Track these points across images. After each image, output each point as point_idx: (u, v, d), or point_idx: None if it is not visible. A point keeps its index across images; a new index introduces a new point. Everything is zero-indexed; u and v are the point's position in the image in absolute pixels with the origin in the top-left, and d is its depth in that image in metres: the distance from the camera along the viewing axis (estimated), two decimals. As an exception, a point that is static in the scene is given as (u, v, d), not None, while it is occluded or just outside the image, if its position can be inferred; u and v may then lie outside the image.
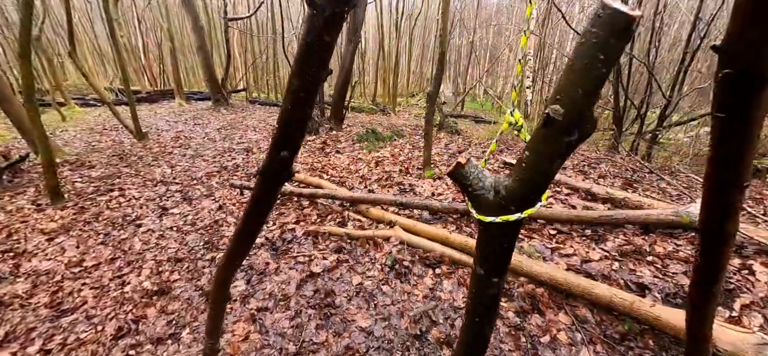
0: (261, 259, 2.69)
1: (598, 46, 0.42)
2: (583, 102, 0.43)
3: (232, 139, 7.09)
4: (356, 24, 7.33)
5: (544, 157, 0.47)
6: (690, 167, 5.81)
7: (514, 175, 0.53)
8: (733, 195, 0.55)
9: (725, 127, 0.49)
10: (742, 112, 0.47)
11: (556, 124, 0.44)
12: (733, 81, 0.45)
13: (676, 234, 2.79)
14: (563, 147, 0.45)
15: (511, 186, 0.53)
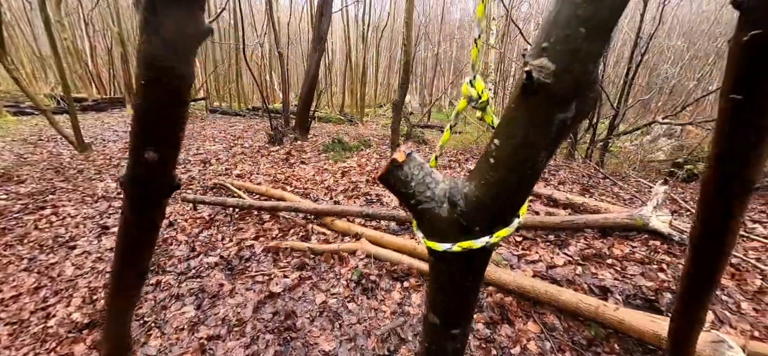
0: (214, 281, 2.45)
1: None
2: (588, 50, 0.26)
3: (188, 150, 6.63)
4: (321, 33, 7.22)
5: (525, 145, 0.29)
6: (638, 172, 6.25)
7: (479, 177, 0.33)
8: (739, 198, 0.44)
9: (740, 110, 0.38)
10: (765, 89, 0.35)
11: (544, 91, 0.27)
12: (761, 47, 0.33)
13: (631, 236, 2.92)
14: (555, 128, 0.28)
15: (475, 195, 0.33)
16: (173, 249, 2.95)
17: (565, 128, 0.28)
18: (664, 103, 11.91)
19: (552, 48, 0.26)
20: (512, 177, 0.31)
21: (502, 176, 0.31)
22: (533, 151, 0.29)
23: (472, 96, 0.40)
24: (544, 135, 0.28)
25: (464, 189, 0.35)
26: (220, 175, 5.02)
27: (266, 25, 13.48)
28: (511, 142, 0.30)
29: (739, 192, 0.43)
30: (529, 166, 0.30)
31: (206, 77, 15.80)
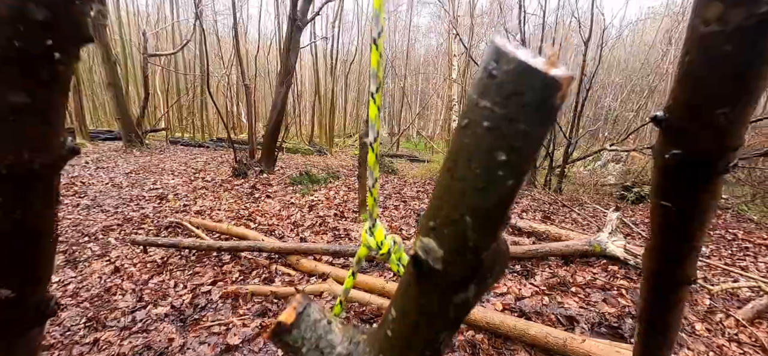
0: (163, 335, 2.20)
1: (496, 136, 0.21)
2: (477, 241, 0.22)
3: (143, 185, 6.19)
4: (288, 67, 7.25)
5: (421, 326, 0.25)
6: (592, 197, 6.66)
7: (377, 348, 0.29)
8: (679, 293, 0.45)
9: (672, 217, 0.38)
10: (695, 200, 0.36)
11: (435, 276, 0.23)
12: (684, 164, 0.34)
13: (591, 262, 3.04)
14: (453, 310, 0.24)
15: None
16: (117, 299, 2.65)
17: (467, 307, 0.24)
18: (610, 132, 13.02)
19: (439, 230, 0.22)
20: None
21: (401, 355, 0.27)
22: (431, 333, 0.25)
23: (371, 246, 0.36)
24: (442, 317, 0.24)
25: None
26: (178, 212, 4.69)
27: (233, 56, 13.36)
28: (407, 321, 0.26)
29: (678, 286, 0.43)
30: (429, 350, 0.26)
31: (168, 108, 15.17)
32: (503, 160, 0.21)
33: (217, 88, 16.08)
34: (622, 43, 16.05)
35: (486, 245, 0.22)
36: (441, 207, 0.22)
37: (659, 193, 0.38)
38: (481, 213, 0.22)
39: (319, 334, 0.30)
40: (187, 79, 16.18)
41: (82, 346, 2.15)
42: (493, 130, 0.21)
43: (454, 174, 0.22)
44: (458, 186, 0.22)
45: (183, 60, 16.10)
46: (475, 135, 0.21)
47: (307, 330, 0.30)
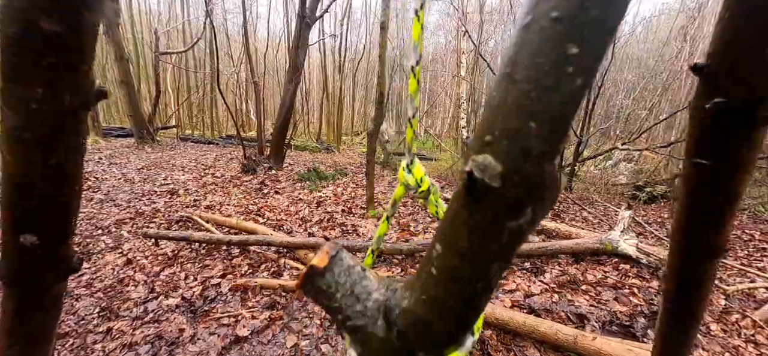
0: (174, 325, 2.23)
1: (566, 25, 0.19)
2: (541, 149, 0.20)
3: (154, 180, 6.29)
4: (297, 64, 7.28)
5: (472, 257, 0.23)
6: (603, 196, 6.55)
7: (420, 289, 0.26)
8: (709, 264, 0.42)
9: (707, 175, 0.36)
10: (734, 154, 0.34)
11: (491, 195, 0.20)
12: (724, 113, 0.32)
13: (602, 260, 2.99)
14: (507, 237, 0.21)
15: (416, 312, 0.26)
16: (129, 290, 2.70)
17: (521, 235, 0.22)
18: (622, 131, 12.79)
19: (497, 143, 0.20)
20: (460, 293, 0.24)
21: (448, 292, 0.24)
22: (483, 263, 0.22)
23: (409, 183, 0.34)
24: (494, 246, 0.22)
25: (403, 303, 0.26)
26: (188, 207, 4.76)
27: (243, 54, 13.49)
28: (455, 252, 0.23)
29: (709, 256, 0.41)
30: (480, 282, 0.23)
31: (179, 105, 15.39)
32: (574, 53, 0.19)
33: (227, 86, 16.27)
34: (635, 39, 15.73)
35: (550, 156, 0.20)
36: (497, 119, 0.20)
37: (694, 151, 0.36)
38: (546, 117, 0.19)
39: (353, 279, 0.28)
40: (198, 77, 16.39)
41: (96, 335, 2.20)
42: (562, 20, 0.19)
43: (514, 75, 0.20)
44: (520, 89, 0.20)
45: (193, 58, 16.31)
46: (540, 29, 0.19)
47: (341, 275, 0.28)
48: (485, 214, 0.22)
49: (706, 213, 0.39)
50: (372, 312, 0.28)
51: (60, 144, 0.38)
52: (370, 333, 0.28)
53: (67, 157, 0.40)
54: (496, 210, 0.21)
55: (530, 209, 0.21)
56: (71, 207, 0.45)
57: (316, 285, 0.29)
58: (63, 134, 0.38)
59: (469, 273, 0.23)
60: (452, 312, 0.25)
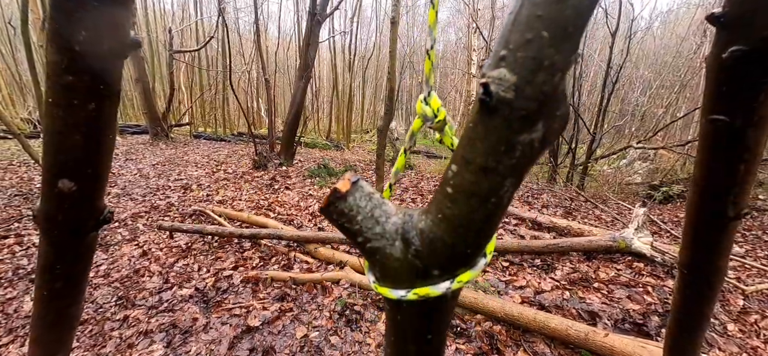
0: (188, 315, 2.29)
1: None
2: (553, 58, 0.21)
3: (168, 175, 6.44)
4: (307, 61, 7.32)
5: (486, 172, 0.24)
6: (617, 195, 6.42)
7: (436, 209, 0.27)
8: (727, 226, 0.41)
9: (724, 133, 0.35)
10: (753, 106, 0.33)
11: (504, 107, 0.21)
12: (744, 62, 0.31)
13: (615, 258, 2.93)
14: (519, 151, 0.22)
15: (432, 232, 0.27)
16: (145, 280, 2.77)
17: (533, 151, 0.22)
18: (637, 129, 12.50)
19: (512, 56, 0.21)
20: (474, 210, 0.25)
21: (463, 209, 0.25)
22: (496, 179, 0.23)
23: (426, 114, 0.34)
24: (507, 160, 0.23)
25: (420, 225, 0.28)
26: (201, 201, 4.86)
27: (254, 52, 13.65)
28: (470, 169, 0.24)
29: (726, 220, 0.40)
30: (493, 197, 0.24)
31: (192, 102, 15.66)
32: None
33: (239, 84, 16.47)
34: (651, 35, 15.32)
35: (561, 68, 0.21)
36: (512, 34, 0.21)
37: (711, 107, 0.35)
38: (559, 25, 0.20)
39: (373, 204, 0.30)
40: (210, 75, 16.64)
41: (113, 322, 2.27)
42: None
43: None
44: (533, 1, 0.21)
45: (206, 56, 16.56)
46: None
47: (361, 199, 0.30)
48: (499, 128, 0.23)
49: (724, 174, 0.38)
50: (390, 233, 0.30)
51: (98, 88, 0.40)
52: (389, 254, 0.30)
53: (103, 103, 0.41)
54: (510, 123, 0.22)
55: (542, 124, 0.22)
56: (105, 155, 0.47)
57: (338, 208, 0.31)
58: (101, 78, 0.40)
59: (484, 189, 0.25)
60: (467, 230, 0.26)
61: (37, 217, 0.49)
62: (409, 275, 0.29)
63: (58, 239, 0.52)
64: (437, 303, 0.30)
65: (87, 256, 0.58)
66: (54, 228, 0.50)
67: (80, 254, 0.56)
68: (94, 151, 0.45)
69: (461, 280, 0.28)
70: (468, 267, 0.28)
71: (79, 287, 0.60)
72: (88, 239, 0.54)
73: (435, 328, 0.32)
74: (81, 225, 0.51)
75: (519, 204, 4.74)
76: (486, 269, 2.78)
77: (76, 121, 0.41)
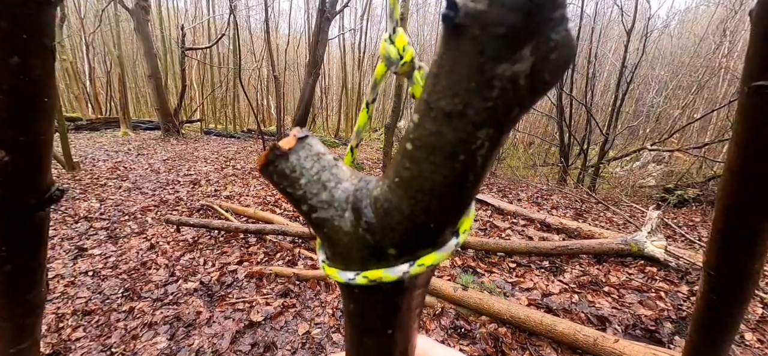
0: (192, 308, 2.30)
1: None
2: None
3: (178, 170, 6.53)
4: (316, 58, 7.33)
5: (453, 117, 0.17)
6: (630, 197, 6.26)
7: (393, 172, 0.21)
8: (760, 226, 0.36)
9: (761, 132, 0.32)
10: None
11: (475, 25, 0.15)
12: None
13: (626, 262, 2.85)
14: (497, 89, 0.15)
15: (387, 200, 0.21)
16: (151, 273, 2.80)
17: (517, 92, 0.16)
18: (652, 130, 12.19)
19: None
20: (437, 169, 0.18)
21: (423, 169, 0.18)
22: (465, 127, 0.17)
23: (390, 56, 0.26)
24: (479, 102, 0.16)
25: (374, 192, 0.22)
26: (209, 197, 4.90)
27: (264, 50, 13.75)
28: (432, 116, 0.17)
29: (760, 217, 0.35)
30: (462, 153, 0.17)
31: (203, 99, 15.88)
32: None
33: (249, 82, 16.64)
34: (668, 34, 14.92)
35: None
36: None
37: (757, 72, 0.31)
38: None
39: (322, 165, 0.24)
40: (221, 72, 16.85)
41: (119, 313, 2.30)
42: None
43: None
44: None
45: (217, 54, 16.77)
46: None
47: (307, 159, 0.24)
48: (468, 55, 0.15)
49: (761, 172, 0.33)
50: (340, 202, 0.23)
51: (20, 38, 0.36)
52: (337, 227, 0.23)
53: (30, 59, 0.37)
54: (482, 48, 0.15)
55: (529, 50, 0.14)
56: (42, 123, 0.42)
57: (278, 168, 0.24)
58: (24, 26, 0.35)
59: (448, 141, 0.17)
60: (428, 197, 0.19)
61: None
62: (360, 253, 0.23)
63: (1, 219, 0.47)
64: (395, 291, 0.24)
65: (36, 238, 0.54)
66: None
67: (27, 236, 0.52)
68: (26, 117, 0.40)
69: (423, 263, 0.22)
70: (432, 247, 0.21)
71: (35, 272, 0.56)
72: (34, 219, 0.50)
73: (396, 322, 0.25)
74: (22, 201, 0.47)
75: (528, 204, 4.66)
76: (492, 270, 2.73)
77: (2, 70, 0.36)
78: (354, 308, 0.25)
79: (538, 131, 13.51)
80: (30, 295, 0.58)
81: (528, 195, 5.26)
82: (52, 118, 0.44)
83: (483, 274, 2.66)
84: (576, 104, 7.98)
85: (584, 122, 8.02)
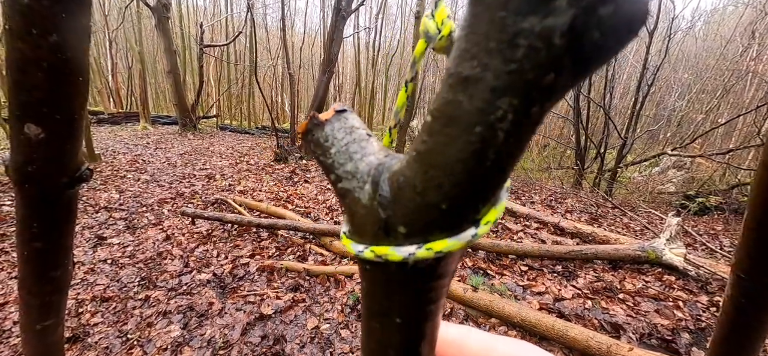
0: (204, 299, 2.35)
1: None
2: None
3: (194, 164, 6.68)
4: (331, 56, 7.38)
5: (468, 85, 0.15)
6: (648, 203, 6.08)
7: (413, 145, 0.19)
8: None
9: None
10: None
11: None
12: None
13: (643, 269, 2.77)
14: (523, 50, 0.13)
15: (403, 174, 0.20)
16: (167, 263, 2.88)
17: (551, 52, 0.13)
18: (673, 135, 11.80)
19: None
20: (452, 142, 0.17)
21: (438, 142, 0.17)
22: (483, 94, 0.15)
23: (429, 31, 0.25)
24: (500, 64, 0.14)
25: (393, 165, 0.21)
26: (224, 191, 5.00)
27: (280, 47, 13.92)
28: (450, 82, 0.16)
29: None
30: (479, 125, 0.16)
31: (219, 95, 16.20)
32: None
33: (264, 79, 16.87)
34: (693, 35, 14.40)
35: None
36: None
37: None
38: None
39: (353, 138, 0.24)
40: (237, 69, 17.14)
41: (135, 301, 2.37)
42: None
43: None
44: None
45: (234, 51, 17.06)
46: None
47: (340, 130, 0.24)
48: (490, 7, 0.13)
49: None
50: (362, 174, 0.22)
51: (59, 19, 0.38)
52: (357, 199, 0.22)
53: (68, 37, 0.39)
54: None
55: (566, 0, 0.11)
56: (76, 101, 0.44)
57: (314, 136, 0.24)
58: (64, 6, 0.37)
59: (465, 110, 0.15)
60: (442, 173, 0.18)
61: (8, 168, 0.47)
62: (372, 227, 0.22)
63: (31, 194, 0.49)
64: (398, 274, 0.22)
65: (66, 217, 0.56)
66: (25, 181, 0.47)
67: (57, 213, 0.54)
68: (62, 95, 0.42)
69: (432, 248, 0.20)
70: (446, 233, 0.19)
71: (62, 251, 0.58)
72: (65, 197, 0.52)
73: (403, 310, 0.24)
74: (54, 179, 0.48)
75: (541, 207, 4.58)
76: (504, 272, 2.69)
77: (36, 56, 0.38)
78: (364, 287, 0.25)
79: (553, 133, 13.26)
80: (57, 273, 0.60)
81: (541, 198, 5.17)
82: (85, 98, 0.45)
83: (494, 276, 2.63)
84: (593, 106, 7.79)
85: (602, 125, 7.82)
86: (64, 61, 0.40)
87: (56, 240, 0.56)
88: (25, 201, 0.50)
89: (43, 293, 0.62)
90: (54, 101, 0.42)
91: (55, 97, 0.42)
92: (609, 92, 7.29)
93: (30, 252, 0.54)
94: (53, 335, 0.71)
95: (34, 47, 0.38)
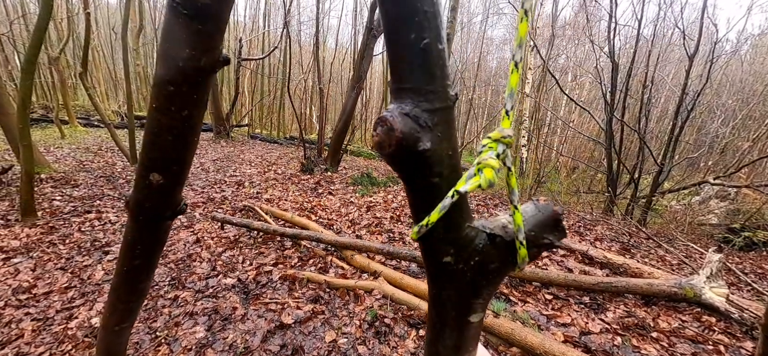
0: (229, 303, 2.44)
1: None
2: None
3: (225, 171, 6.99)
4: (361, 73, 7.57)
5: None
6: (687, 235, 5.70)
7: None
8: None
9: None
10: None
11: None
12: None
13: (680, 307, 2.60)
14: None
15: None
16: (196, 265, 3.02)
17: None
18: (715, 163, 11.04)
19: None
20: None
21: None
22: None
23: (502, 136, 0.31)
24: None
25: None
26: (251, 198, 5.19)
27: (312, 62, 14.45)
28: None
29: None
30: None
31: (252, 105, 16.94)
32: None
33: (295, 92, 17.51)
34: (738, 59, 13.58)
35: None
36: None
37: None
38: None
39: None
40: (271, 82, 17.91)
41: (165, 300, 2.49)
42: None
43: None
44: None
45: (269, 64, 17.87)
46: None
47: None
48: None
49: None
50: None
51: (192, 97, 0.48)
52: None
53: (195, 110, 0.49)
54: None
55: None
56: (189, 154, 0.55)
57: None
58: (196, 89, 0.47)
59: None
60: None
61: (129, 204, 0.59)
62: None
63: (143, 223, 0.61)
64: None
65: (162, 240, 0.68)
66: (140, 214, 0.60)
67: (157, 238, 0.66)
68: (181, 150, 0.53)
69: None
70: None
71: (152, 266, 0.71)
72: (165, 225, 0.64)
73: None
74: (162, 212, 0.60)
75: (569, 233, 4.41)
76: (527, 299, 2.61)
77: (170, 125, 0.49)
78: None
79: (583, 156, 12.78)
80: (143, 285, 0.73)
81: (569, 223, 4.98)
82: (194, 150, 0.57)
83: (516, 303, 2.55)
84: (627, 130, 7.47)
85: (636, 149, 7.46)
86: (188, 127, 0.50)
87: (149, 258, 0.68)
88: (136, 228, 0.62)
89: (129, 300, 0.76)
90: (176, 157, 0.53)
91: (177, 153, 0.53)
92: (644, 116, 6.98)
93: (130, 267, 0.68)
94: (125, 335, 0.85)
95: (170, 119, 0.49)
